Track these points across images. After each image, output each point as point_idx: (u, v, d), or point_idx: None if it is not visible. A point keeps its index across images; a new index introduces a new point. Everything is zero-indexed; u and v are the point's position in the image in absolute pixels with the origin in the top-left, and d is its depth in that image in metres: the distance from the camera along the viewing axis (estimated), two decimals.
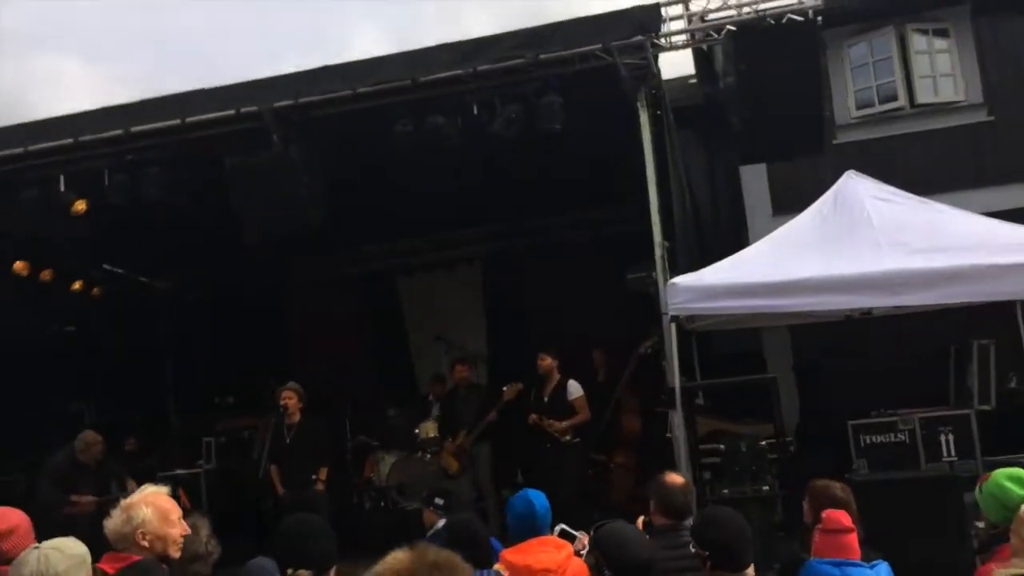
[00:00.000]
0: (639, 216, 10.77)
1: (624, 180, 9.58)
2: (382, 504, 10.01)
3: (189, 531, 3.29)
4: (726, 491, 6.61)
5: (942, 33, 9.45)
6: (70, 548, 2.75)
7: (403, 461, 10.03)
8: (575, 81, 7.31)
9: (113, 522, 3.06)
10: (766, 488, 6.53)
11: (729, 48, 6.73)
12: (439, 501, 5.48)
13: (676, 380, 6.64)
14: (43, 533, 3.13)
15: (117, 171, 7.97)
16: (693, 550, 2.88)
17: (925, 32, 9.54)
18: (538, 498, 3.95)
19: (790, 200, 9.49)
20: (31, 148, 7.98)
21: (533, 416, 8.46)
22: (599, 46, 7.01)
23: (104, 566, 2.98)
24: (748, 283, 6.45)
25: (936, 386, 8.36)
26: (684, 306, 6.58)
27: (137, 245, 10.88)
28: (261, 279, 12.43)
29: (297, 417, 7.80)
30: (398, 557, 1.96)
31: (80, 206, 8.13)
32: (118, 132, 7.84)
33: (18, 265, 9.55)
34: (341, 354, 12.41)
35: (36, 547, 2.77)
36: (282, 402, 7.77)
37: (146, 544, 3.04)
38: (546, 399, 8.50)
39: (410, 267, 12.85)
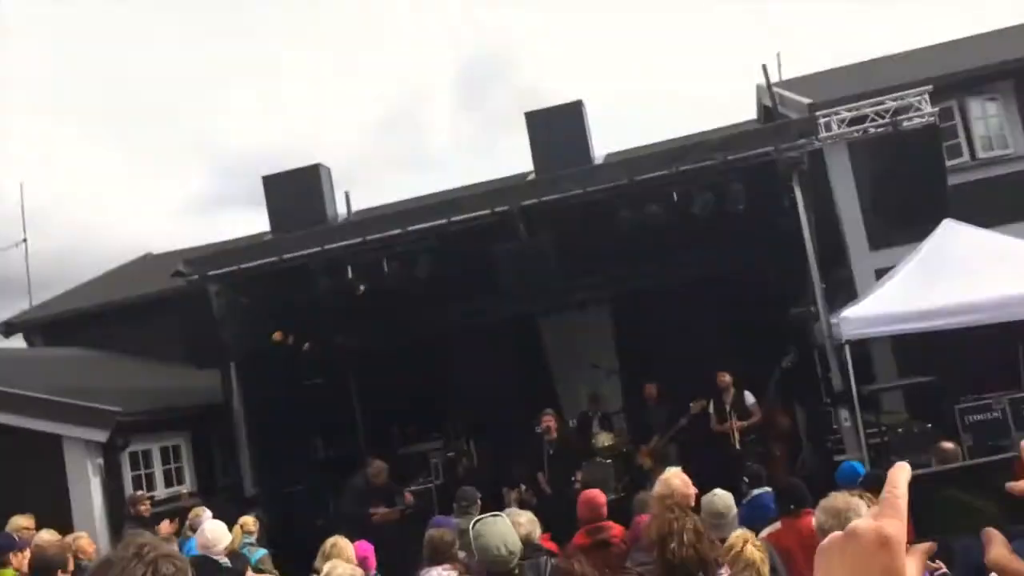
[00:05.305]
0: (753, 260, 13.45)
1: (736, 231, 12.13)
2: None
3: None
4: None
5: (993, 100, 12.19)
6: None
7: (589, 467, 12.45)
8: (747, 170, 9.91)
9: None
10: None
11: (871, 148, 9.35)
12: None
13: (853, 385, 9.22)
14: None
15: (392, 260, 10.42)
16: None
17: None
18: (859, 467, 6.44)
19: (883, 238, 12.15)
20: (327, 247, 10.43)
21: (718, 426, 10.92)
22: (772, 148, 9.61)
23: None
24: (902, 312, 9.04)
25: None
26: (856, 332, 9.14)
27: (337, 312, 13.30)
28: (427, 329, 14.86)
29: (554, 435, 10.25)
30: None
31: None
32: (397, 231, 10.30)
33: (277, 335, 11.92)
34: (494, 385, 14.84)
35: None
36: (544, 424, 10.23)
37: None
38: (727, 408, 10.96)
39: (547, 310, 15.32)
